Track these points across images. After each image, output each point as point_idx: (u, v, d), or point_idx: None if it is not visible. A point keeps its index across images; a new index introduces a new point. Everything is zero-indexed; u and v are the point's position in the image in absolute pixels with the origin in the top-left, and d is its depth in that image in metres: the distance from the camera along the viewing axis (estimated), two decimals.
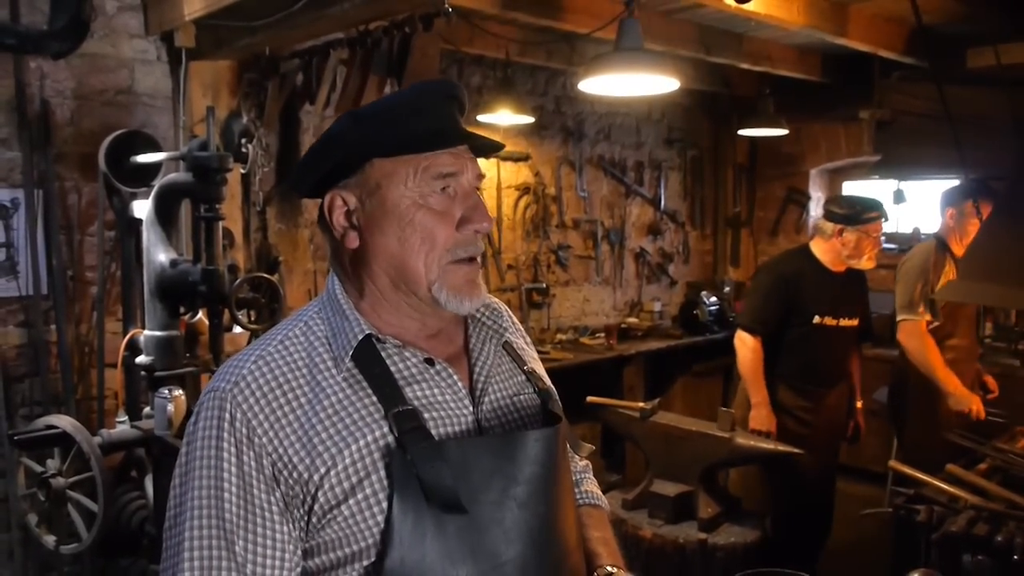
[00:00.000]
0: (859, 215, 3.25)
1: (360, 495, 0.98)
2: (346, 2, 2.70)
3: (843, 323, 3.35)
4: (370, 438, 1.00)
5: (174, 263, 2.62)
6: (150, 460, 2.67)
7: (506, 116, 4.23)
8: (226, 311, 2.60)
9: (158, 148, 3.02)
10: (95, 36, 3.18)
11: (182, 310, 2.71)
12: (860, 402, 3.59)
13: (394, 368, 1.06)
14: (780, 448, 2.90)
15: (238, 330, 2.83)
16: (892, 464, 2.69)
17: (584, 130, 5.41)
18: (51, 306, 3.17)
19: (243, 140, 3.47)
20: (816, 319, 3.31)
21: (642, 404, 3.13)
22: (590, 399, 3.19)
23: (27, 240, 3.10)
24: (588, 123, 5.44)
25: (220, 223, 2.63)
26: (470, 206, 1.08)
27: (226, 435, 0.98)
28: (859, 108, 5.04)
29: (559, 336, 5.20)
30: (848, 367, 3.50)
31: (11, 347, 3.12)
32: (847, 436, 3.58)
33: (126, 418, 2.79)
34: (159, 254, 2.65)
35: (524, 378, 1.19)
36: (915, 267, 3.45)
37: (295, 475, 0.98)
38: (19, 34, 2.66)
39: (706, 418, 3.14)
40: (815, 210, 5.89)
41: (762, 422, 3.27)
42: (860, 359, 3.59)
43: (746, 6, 3.08)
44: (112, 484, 2.59)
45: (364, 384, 1.03)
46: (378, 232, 1.06)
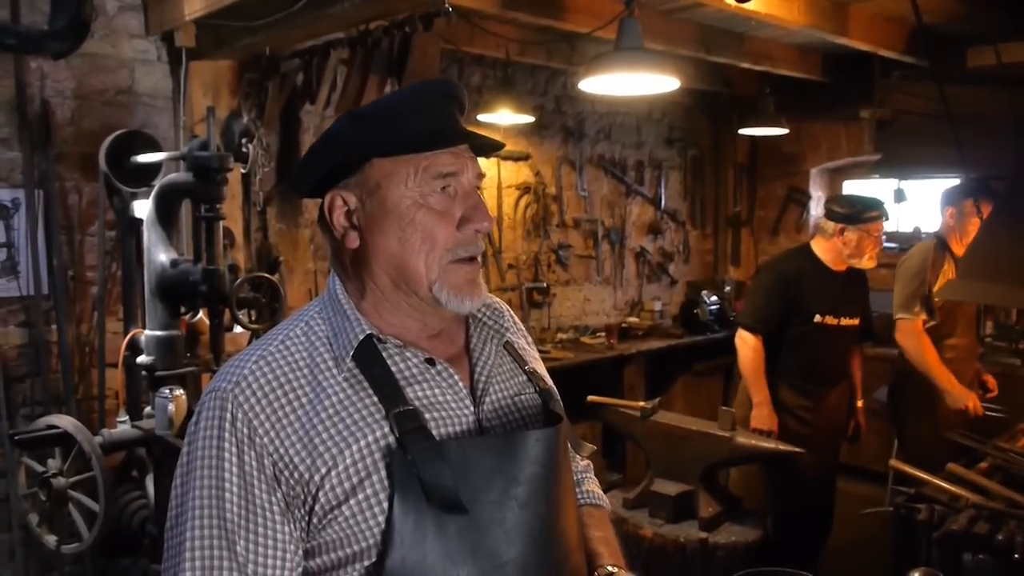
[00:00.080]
0: (860, 214, 3.25)
1: (361, 495, 0.98)
2: (346, 2, 2.70)
3: (844, 322, 3.35)
4: (371, 438, 1.00)
5: (175, 263, 2.62)
6: (151, 460, 2.68)
7: (506, 116, 4.22)
8: (227, 311, 2.60)
9: (158, 148, 3.02)
10: (95, 36, 3.18)
11: (183, 310, 2.72)
12: (861, 401, 3.59)
13: (395, 368, 1.05)
14: (781, 447, 2.90)
15: (239, 330, 2.83)
16: (893, 463, 2.68)
17: (584, 130, 5.41)
18: (52, 306, 3.17)
19: (243, 140, 3.47)
20: (817, 318, 3.30)
21: (643, 403, 3.13)
22: (591, 398, 3.19)
23: (28, 240, 3.11)
24: (588, 123, 5.44)
25: (221, 223, 2.63)
26: (470, 205, 1.08)
27: (227, 435, 0.98)
28: (859, 107, 5.05)
29: (560, 335, 5.20)
30: (849, 366, 3.50)
31: (12, 347, 3.13)
32: (848, 435, 3.58)
33: (127, 418, 2.79)
34: (160, 254, 2.65)
35: (525, 378, 1.19)
36: (913, 267, 3.46)
37: (296, 475, 0.98)
38: (19, 34, 2.66)
39: (707, 417, 3.13)
40: (815, 209, 5.88)
41: (764, 421, 3.26)
42: (861, 358, 3.59)
43: (746, 5, 3.08)
44: (113, 484, 2.59)
45: (365, 384, 1.03)
46: (378, 232, 1.06)
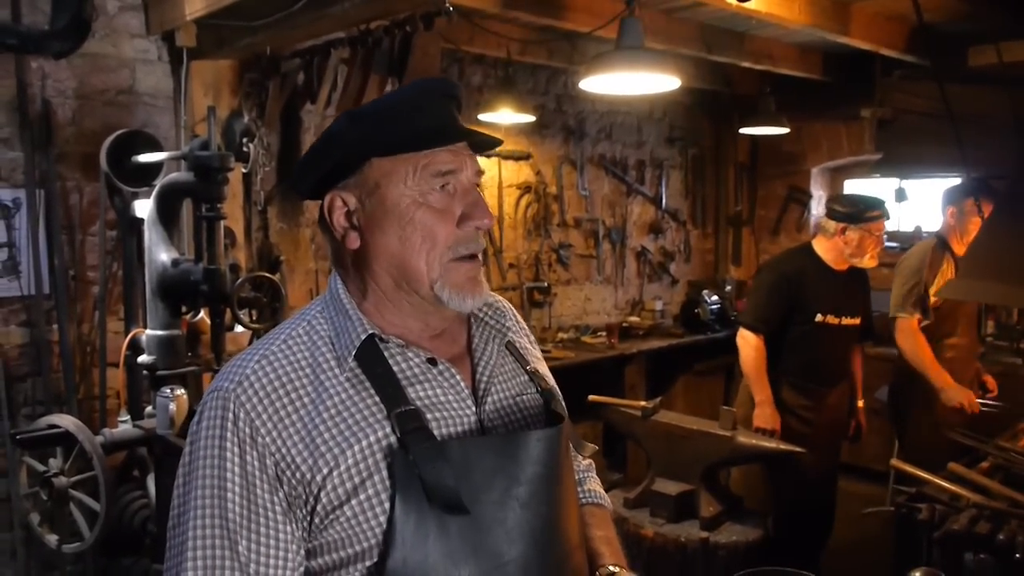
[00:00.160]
0: (862, 213, 3.25)
1: (363, 495, 0.98)
2: (347, 1, 2.70)
3: (845, 322, 3.35)
4: (372, 438, 1.00)
5: (176, 262, 2.62)
6: (152, 459, 2.68)
7: (507, 115, 4.22)
8: (228, 310, 2.60)
9: (159, 148, 3.03)
10: (96, 36, 3.18)
11: (184, 309, 2.72)
12: (862, 401, 3.59)
13: (397, 368, 1.05)
14: (782, 447, 2.90)
15: (240, 329, 2.83)
16: (894, 463, 2.68)
17: (585, 129, 5.41)
18: (53, 306, 3.17)
19: (244, 139, 3.48)
20: (818, 317, 3.30)
21: (644, 403, 3.13)
22: (592, 398, 3.19)
23: (29, 240, 3.11)
24: (589, 122, 5.44)
25: (222, 222, 2.64)
26: (470, 203, 1.08)
27: (229, 435, 0.98)
28: (860, 107, 5.05)
29: (560, 335, 5.19)
30: (850, 366, 3.50)
31: (13, 347, 3.13)
32: (849, 435, 3.58)
33: (128, 417, 2.79)
34: (161, 253, 2.65)
35: (527, 378, 1.19)
36: (910, 266, 3.46)
37: (298, 475, 0.98)
38: (20, 34, 2.66)
39: (708, 417, 3.13)
40: (816, 209, 5.88)
41: (767, 420, 3.26)
42: (862, 358, 3.59)
43: (747, 5, 3.08)
44: (114, 483, 2.59)
45: (367, 384, 1.03)
46: (379, 232, 1.06)
